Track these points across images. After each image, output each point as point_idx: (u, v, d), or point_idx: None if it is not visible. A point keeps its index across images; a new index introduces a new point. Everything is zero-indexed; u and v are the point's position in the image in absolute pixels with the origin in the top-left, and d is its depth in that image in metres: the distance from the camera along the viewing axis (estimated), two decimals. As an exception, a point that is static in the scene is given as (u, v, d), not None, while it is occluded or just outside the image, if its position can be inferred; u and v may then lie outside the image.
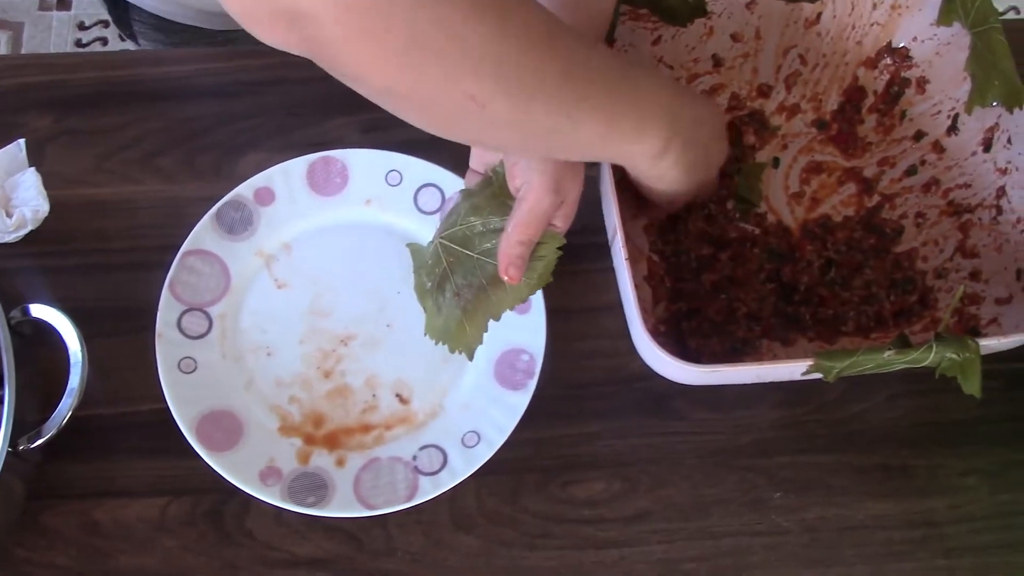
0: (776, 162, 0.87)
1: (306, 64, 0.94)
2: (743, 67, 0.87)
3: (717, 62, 0.86)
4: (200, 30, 1.04)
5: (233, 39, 1.05)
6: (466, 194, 0.75)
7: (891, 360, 0.66)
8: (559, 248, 0.72)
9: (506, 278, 0.70)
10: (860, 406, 0.82)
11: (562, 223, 0.71)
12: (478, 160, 0.75)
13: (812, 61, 0.87)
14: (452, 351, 0.74)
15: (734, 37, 0.85)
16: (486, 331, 0.73)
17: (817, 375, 0.68)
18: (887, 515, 0.79)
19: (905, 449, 0.81)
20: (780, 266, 0.83)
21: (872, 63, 0.86)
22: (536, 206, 0.67)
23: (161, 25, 1.04)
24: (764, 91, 0.88)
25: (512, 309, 0.73)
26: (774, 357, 0.79)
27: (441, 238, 0.74)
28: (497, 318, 0.73)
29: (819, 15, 0.84)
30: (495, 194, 0.73)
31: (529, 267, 0.71)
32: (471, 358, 0.76)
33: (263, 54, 0.98)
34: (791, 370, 0.68)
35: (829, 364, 0.66)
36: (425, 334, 0.76)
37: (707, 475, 0.80)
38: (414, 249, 0.77)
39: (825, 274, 0.82)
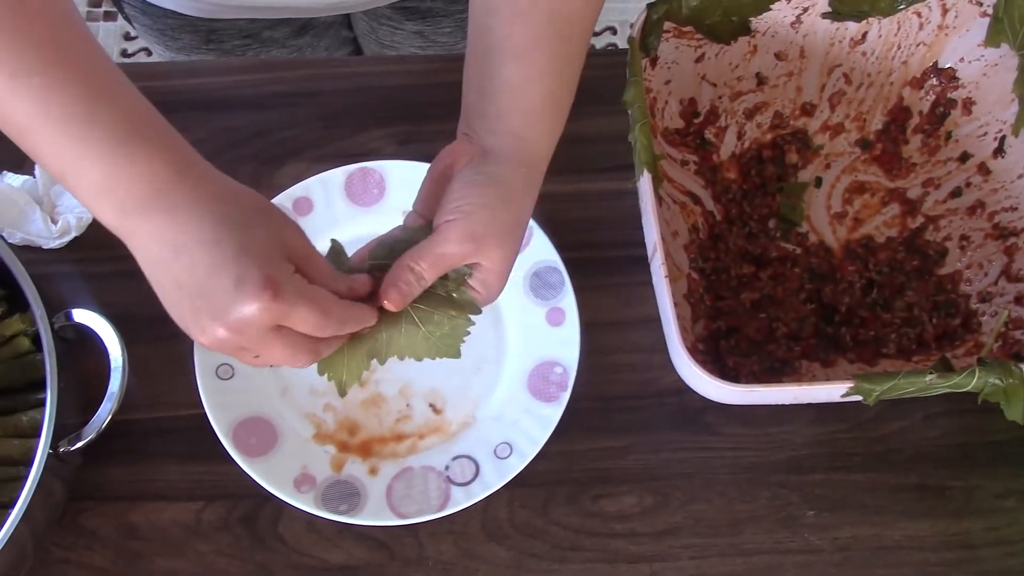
0: (819, 182, 0.86)
1: (341, 76, 0.95)
2: (787, 86, 0.87)
3: (761, 80, 0.86)
4: (183, 16, 1.02)
5: (216, 28, 1.05)
6: (406, 231, 0.66)
7: (933, 384, 0.65)
8: (470, 319, 0.64)
9: (385, 302, 0.60)
10: (897, 425, 0.82)
11: (481, 289, 0.63)
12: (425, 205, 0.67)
13: (857, 80, 0.86)
14: (320, 373, 0.65)
15: (778, 56, 0.84)
16: (366, 369, 0.65)
17: (857, 397, 0.67)
18: (922, 536, 0.79)
19: (942, 469, 0.81)
20: (821, 286, 0.82)
21: (918, 83, 0.86)
22: (442, 245, 0.59)
23: (147, 9, 1.03)
24: (808, 110, 0.87)
25: (401, 359, 0.65)
26: (813, 378, 0.79)
27: (370, 261, 0.65)
28: (381, 361, 0.64)
29: (865, 34, 0.83)
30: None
31: (435, 323, 0.64)
32: (342, 393, 0.66)
33: (298, 65, 0.99)
34: (830, 391, 0.68)
35: (869, 387, 0.66)
36: None
37: (740, 491, 0.80)
38: (337, 249, 0.67)
39: (866, 295, 0.82)
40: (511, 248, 0.62)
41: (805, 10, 0.81)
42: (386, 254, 0.63)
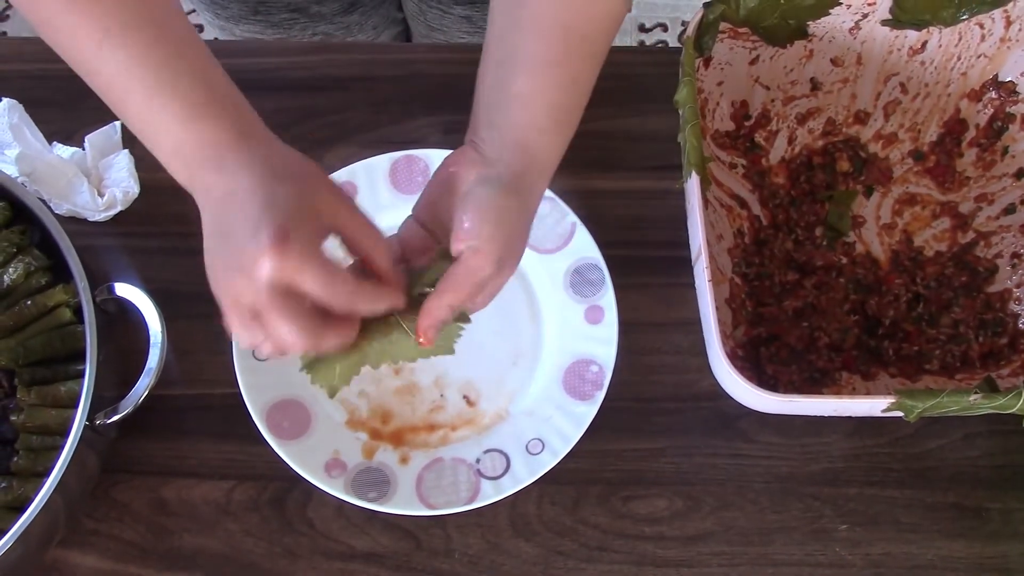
0: (869, 191, 0.85)
1: (393, 62, 0.95)
2: (841, 92, 0.85)
3: (815, 86, 0.85)
4: None
5: (264, 0, 1.05)
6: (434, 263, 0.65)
7: (976, 404, 0.64)
8: (463, 324, 0.65)
9: (422, 340, 0.61)
10: (936, 442, 0.80)
11: (483, 300, 0.64)
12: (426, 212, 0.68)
13: (913, 90, 0.85)
14: (312, 383, 0.65)
15: (834, 61, 0.83)
16: (356, 375, 0.64)
17: (898, 413, 0.66)
18: (957, 557, 0.77)
19: (980, 490, 0.79)
20: (866, 298, 0.81)
21: (976, 96, 0.84)
22: (476, 272, 0.60)
23: None
24: (861, 118, 0.86)
25: (393, 364, 0.65)
26: (853, 390, 0.78)
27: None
28: (375, 366, 0.64)
29: (924, 43, 0.81)
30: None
31: None
32: (331, 395, 0.65)
33: (351, 49, 0.99)
34: (871, 406, 0.67)
35: (912, 404, 0.65)
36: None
37: (772, 500, 0.79)
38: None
39: (912, 309, 0.81)
40: (518, 257, 0.63)
41: (865, 16, 0.79)
42: (414, 282, 0.62)
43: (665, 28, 2.17)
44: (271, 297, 0.54)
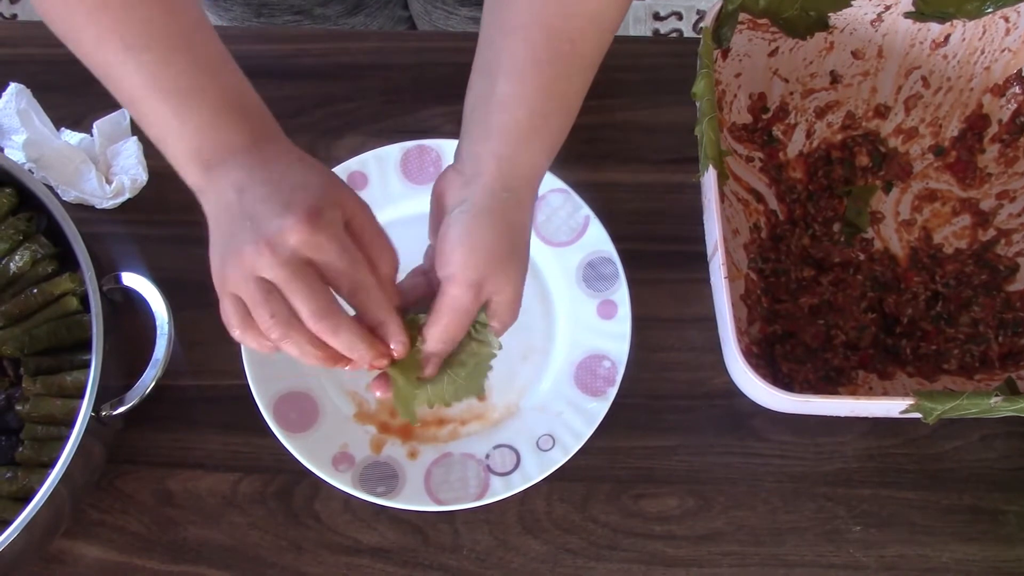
0: (888, 187, 0.84)
1: (406, 50, 0.94)
2: (861, 85, 0.84)
3: (835, 78, 0.83)
4: None
5: (267, 3, 1.03)
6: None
7: (997, 407, 0.63)
8: (492, 355, 0.65)
9: (421, 373, 0.62)
10: (952, 444, 0.79)
11: (498, 323, 0.63)
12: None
13: (935, 84, 0.83)
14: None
15: (855, 54, 0.81)
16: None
17: (916, 415, 0.65)
18: (972, 560, 0.76)
19: (997, 492, 0.78)
20: (883, 295, 0.80)
21: (999, 91, 0.82)
22: (453, 301, 0.60)
23: None
24: (882, 112, 0.84)
25: (430, 407, 0.65)
26: (869, 390, 0.76)
27: None
28: (414, 421, 0.65)
29: (947, 37, 0.80)
30: None
31: (459, 363, 0.64)
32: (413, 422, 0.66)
33: (365, 37, 0.97)
34: (889, 407, 0.66)
35: (931, 406, 0.64)
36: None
37: (784, 500, 0.78)
38: None
39: (931, 308, 0.79)
40: (515, 274, 0.62)
41: (887, 8, 0.78)
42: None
43: (680, 16, 2.15)
44: (295, 267, 0.55)
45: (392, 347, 0.60)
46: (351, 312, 0.59)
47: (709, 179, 0.70)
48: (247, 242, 0.55)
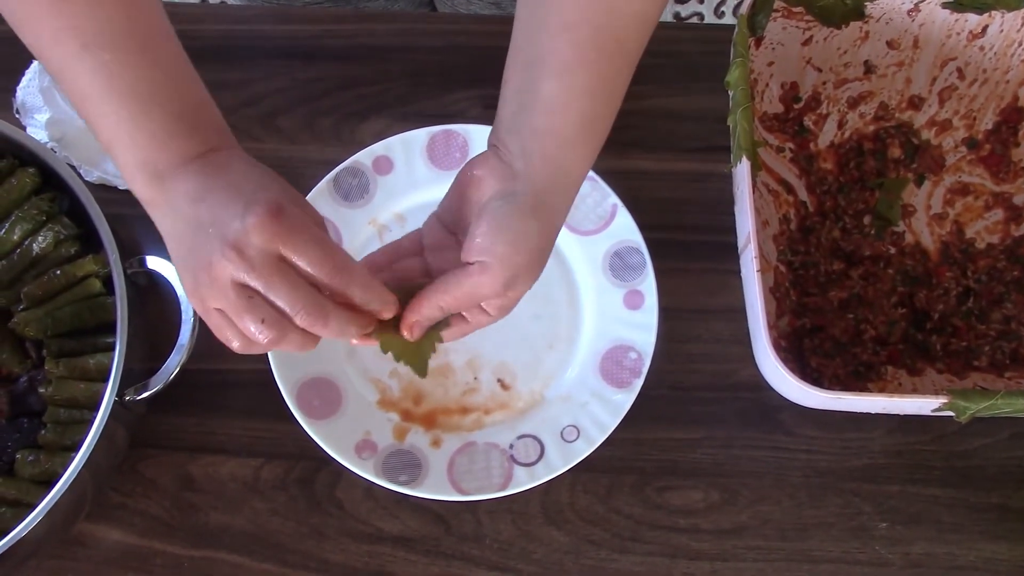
0: (920, 179, 0.82)
1: (433, 32, 0.93)
2: (896, 76, 0.82)
3: (868, 69, 0.82)
4: None
5: None
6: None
7: (1033, 407, 0.62)
8: (440, 338, 0.63)
9: (405, 333, 0.60)
10: (981, 441, 0.78)
11: (496, 313, 0.62)
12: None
13: (971, 76, 0.82)
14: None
15: (890, 44, 0.80)
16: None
17: (948, 413, 0.64)
18: (999, 559, 0.76)
19: (1026, 491, 0.77)
20: (914, 290, 0.79)
21: (1037, 84, 0.81)
22: (478, 289, 0.58)
23: None
24: (915, 103, 0.83)
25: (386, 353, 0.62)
26: (899, 386, 0.75)
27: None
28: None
29: (985, 28, 0.79)
30: None
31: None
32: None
33: (391, 18, 0.96)
34: (921, 405, 0.65)
35: (964, 404, 0.63)
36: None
37: (811, 495, 0.77)
38: None
39: (962, 303, 0.78)
40: (537, 274, 0.61)
41: (924, -2, 0.77)
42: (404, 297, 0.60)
43: (701, 0, 2.13)
44: (269, 266, 0.53)
45: (383, 311, 0.58)
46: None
47: (742, 170, 0.69)
48: (213, 251, 0.53)
